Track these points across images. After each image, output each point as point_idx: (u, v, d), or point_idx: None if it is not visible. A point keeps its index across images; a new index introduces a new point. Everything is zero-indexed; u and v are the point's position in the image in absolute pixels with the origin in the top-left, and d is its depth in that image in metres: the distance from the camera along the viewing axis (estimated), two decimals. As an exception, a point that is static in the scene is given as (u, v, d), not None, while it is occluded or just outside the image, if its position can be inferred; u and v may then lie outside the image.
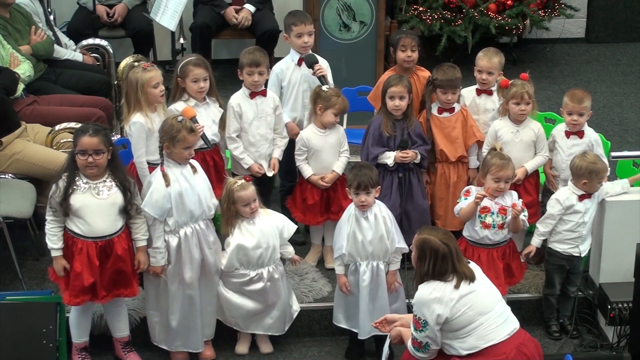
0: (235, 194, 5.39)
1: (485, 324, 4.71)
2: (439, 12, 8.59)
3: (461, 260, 4.77)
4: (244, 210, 5.42)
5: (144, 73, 5.56)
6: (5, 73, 6.34)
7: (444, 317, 4.68)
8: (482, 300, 4.73)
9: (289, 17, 6.22)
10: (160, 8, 7.73)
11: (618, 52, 9.60)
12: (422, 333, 4.75)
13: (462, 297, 4.69)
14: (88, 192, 5.16)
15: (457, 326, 4.72)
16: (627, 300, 5.44)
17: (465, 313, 4.69)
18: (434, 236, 4.75)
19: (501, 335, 4.72)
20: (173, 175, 5.28)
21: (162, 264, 5.34)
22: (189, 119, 5.40)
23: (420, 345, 4.79)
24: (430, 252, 4.71)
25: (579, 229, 5.64)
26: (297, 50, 6.20)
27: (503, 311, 4.79)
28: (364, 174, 5.35)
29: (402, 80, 5.87)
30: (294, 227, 5.62)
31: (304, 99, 6.22)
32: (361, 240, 5.40)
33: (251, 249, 5.44)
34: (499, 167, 5.44)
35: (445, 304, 4.66)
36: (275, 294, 5.56)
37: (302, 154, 6.01)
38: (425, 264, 4.74)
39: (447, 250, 4.71)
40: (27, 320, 5.27)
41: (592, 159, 5.55)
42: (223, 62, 8.77)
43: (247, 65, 5.89)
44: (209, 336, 5.64)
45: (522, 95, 5.85)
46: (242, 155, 5.98)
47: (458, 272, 4.71)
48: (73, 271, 5.20)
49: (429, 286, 4.72)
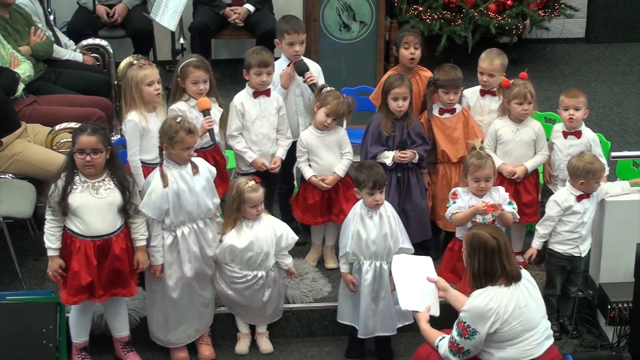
0: (246, 194, 5.39)
1: (530, 339, 4.74)
2: (439, 12, 8.59)
3: (510, 258, 4.74)
4: (251, 211, 5.42)
5: (139, 71, 5.57)
6: (6, 73, 6.34)
7: (495, 328, 4.67)
8: (532, 315, 4.74)
9: (282, 23, 6.17)
10: (160, 8, 7.73)
11: (618, 52, 9.60)
12: (468, 341, 4.72)
13: (515, 311, 4.68)
14: (86, 191, 5.16)
15: (503, 338, 4.72)
16: (627, 300, 5.44)
17: (515, 327, 4.70)
18: (483, 230, 4.75)
19: (540, 352, 4.76)
20: (172, 176, 5.28)
21: (161, 262, 5.35)
22: (201, 111, 5.50)
23: (460, 351, 4.76)
24: (478, 246, 4.70)
25: (578, 229, 5.64)
26: (287, 57, 6.19)
27: (546, 327, 4.84)
28: (377, 172, 5.35)
29: (404, 81, 5.87)
30: (295, 239, 5.59)
31: (296, 104, 6.22)
32: (365, 238, 5.39)
33: (241, 251, 5.44)
34: (476, 167, 5.46)
35: (500, 316, 4.66)
36: (260, 299, 5.55)
37: (302, 155, 6.00)
38: (475, 260, 4.72)
39: (496, 245, 4.69)
40: (27, 320, 5.27)
41: (589, 159, 5.55)
42: (223, 62, 8.77)
43: (255, 65, 5.89)
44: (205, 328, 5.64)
45: (525, 95, 5.85)
46: (244, 149, 5.98)
47: (506, 270, 4.70)
48: (71, 270, 5.20)
49: (485, 295, 4.69)
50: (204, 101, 5.71)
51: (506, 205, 5.55)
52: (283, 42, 6.14)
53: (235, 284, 5.53)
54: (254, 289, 5.52)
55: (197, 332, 5.62)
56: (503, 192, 5.62)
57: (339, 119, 5.94)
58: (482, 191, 5.52)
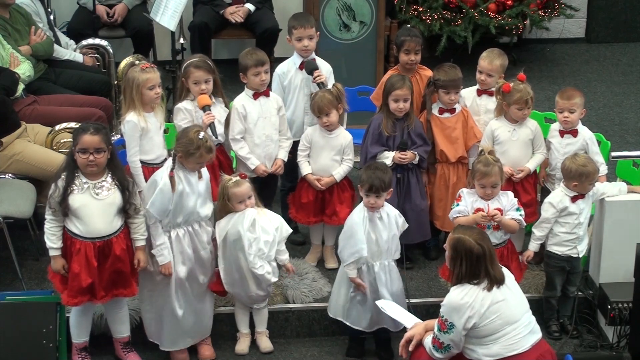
0: (229, 190, 5.39)
1: (512, 333, 4.75)
2: (439, 12, 8.59)
3: (494, 263, 4.77)
4: (239, 207, 5.41)
5: (141, 74, 5.58)
6: (6, 74, 6.33)
7: (472, 322, 4.69)
8: (511, 309, 4.76)
9: (291, 20, 6.24)
10: (160, 8, 7.72)
11: (618, 52, 9.60)
12: (446, 335, 4.75)
13: (493, 305, 4.71)
14: (87, 192, 5.16)
15: (483, 333, 4.73)
16: (627, 300, 5.44)
17: (494, 321, 4.71)
18: (469, 236, 4.74)
19: (525, 346, 4.76)
20: (177, 177, 5.28)
21: (170, 259, 5.34)
22: (201, 108, 5.56)
23: (440, 346, 4.80)
24: (464, 252, 4.71)
25: (575, 230, 5.64)
26: (298, 54, 6.21)
27: (529, 322, 4.84)
28: (377, 176, 5.34)
29: (405, 82, 5.87)
30: (289, 231, 5.58)
31: (304, 102, 6.23)
32: (375, 239, 5.40)
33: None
34: (482, 174, 5.45)
35: (475, 310, 4.68)
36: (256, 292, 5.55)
37: (305, 150, 6.02)
38: (458, 264, 4.74)
39: (482, 252, 4.71)
40: (27, 320, 5.27)
41: (582, 161, 5.54)
42: (223, 62, 8.75)
43: (252, 66, 5.90)
44: (205, 334, 5.64)
45: (527, 101, 5.86)
46: (248, 156, 5.98)
47: (490, 275, 4.72)
48: (71, 272, 5.19)
49: (462, 290, 4.73)
50: (203, 98, 5.74)
51: (513, 211, 5.53)
52: (292, 37, 6.18)
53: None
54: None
55: (193, 341, 5.60)
56: (512, 197, 5.58)
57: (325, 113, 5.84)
58: (488, 196, 5.51)
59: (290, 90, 6.24)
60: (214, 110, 5.82)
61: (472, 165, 5.70)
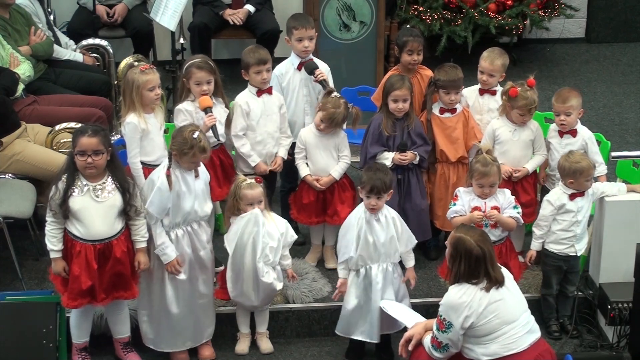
0: (241, 190, 5.39)
1: (510, 333, 4.76)
2: (439, 12, 8.59)
3: (494, 265, 4.78)
4: (247, 209, 5.41)
5: (141, 75, 5.58)
6: (6, 74, 6.34)
7: (470, 322, 4.69)
8: (509, 309, 4.77)
9: (291, 21, 6.23)
10: (160, 8, 7.72)
11: (618, 52, 9.60)
12: (444, 334, 4.76)
13: (491, 304, 4.72)
14: (87, 194, 5.15)
15: (481, 332, 4.74)
16: (627, 300, 5.44)
17: (492, 321, 4.72)
18: (470, 237, 4.75)
19: (523, 345, 4.77)
20: (174, 176, 5.28)
21: (174, 256, 5.33)
22: (202, 109, 5.59)
23: (439, 345, 4.81)
24: (464, 252, 4.72)
25: (572, 227, 5.64)
26: (297, 54, 6.21)
27: (527, 321, 4.85)
28: (378, 177, 5.33)
29: (405, 83, 5.87)
30: (294, 237, 5.59)
31: (304, 103, 6.22)
32: (373, 242, 5.38)
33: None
34: (481, 174, 5.45)
35: (473, 309, 4.69)
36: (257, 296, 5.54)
37: (301, 152, 6.02)
38: (457, 264, 4.75)
39: (481, 253, 4.72)
40: (27, 321, 5.27)
41: (576, 158, 5.55)
42: (223, 62, 8.75)
43: (254, 64, 5.90)
44: (208, 337, 5.64)
45: (530, 110, 5.86)
46: (250, 153, 5.98)
47: (490, 276, 4.73)
48: (71, 274, 5.19)
49: (460, 289, 4.74)
50: (204, 100, 5.74)
51: (510, 209, 5.54)
52: (292, 38, 6.17)
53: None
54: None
55: (193, 344, 5.59)
56: (509, 195, 5.59)
57: (333, 127, 5.91)
58: (486, 195, 5.52)
59: (289, 91, 6.23)
60: (214, 111, 5.82)
61: (470, 164, 5.70)
